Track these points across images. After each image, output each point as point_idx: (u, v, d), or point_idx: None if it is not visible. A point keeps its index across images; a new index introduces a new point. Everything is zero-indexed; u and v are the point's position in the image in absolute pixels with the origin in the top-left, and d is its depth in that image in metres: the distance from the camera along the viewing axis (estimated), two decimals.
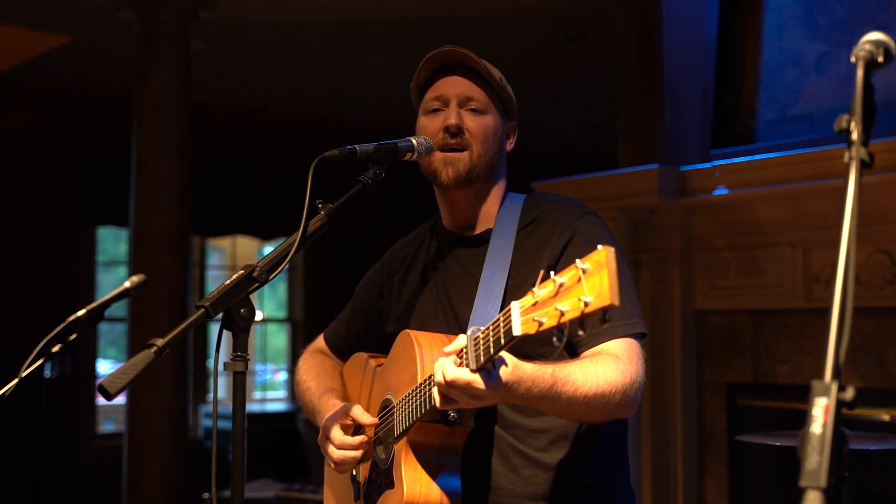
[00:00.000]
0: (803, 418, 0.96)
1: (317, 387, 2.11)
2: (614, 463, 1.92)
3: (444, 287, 1.97)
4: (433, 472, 1.76)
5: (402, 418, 1.78)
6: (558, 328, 1.36)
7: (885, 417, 3.77)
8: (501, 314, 1.47)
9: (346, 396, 2.13)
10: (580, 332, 1.35)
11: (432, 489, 1.75)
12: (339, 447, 1.92)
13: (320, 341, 2.27)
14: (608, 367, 1.68)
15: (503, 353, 1.54)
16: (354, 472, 2.01)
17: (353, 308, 2.20)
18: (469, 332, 1.57)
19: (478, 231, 1.97)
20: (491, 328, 1.50)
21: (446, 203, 2.00)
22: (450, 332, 1.91)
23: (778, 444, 2.72)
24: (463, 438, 1.78)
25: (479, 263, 1.91)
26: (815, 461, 0.93)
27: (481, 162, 1.91)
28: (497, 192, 1.98)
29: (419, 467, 1.76)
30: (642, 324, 1.81)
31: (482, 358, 1.52)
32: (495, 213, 1.97)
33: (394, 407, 1.85)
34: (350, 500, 2.03)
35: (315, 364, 2.20)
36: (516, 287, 1.84)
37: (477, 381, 1.54)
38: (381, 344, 2.10)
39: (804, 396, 1.01)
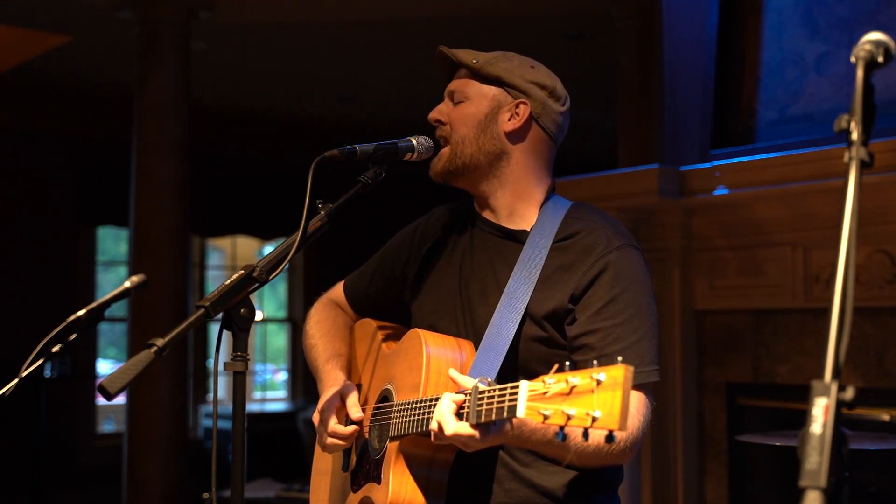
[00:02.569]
0: (803, 418, 0.96)
1: (323, 348, 2.10)
2: (602, 487, 1.89)
3: (467, 275, 1.94)
4: (420, 482, 1.78)
5: (399, 424, 1.79)
6: (562, 428, 1.35)
7: (885, 417, 3.77)
8: (510, 387, 1.47)
9: (353, 359, 2.13)
10: (584, 441, 1.35)
11: (416, 497, 1.77)
12: (331, 434, 1.92)
13: (338, 291, 2.22)
14: None
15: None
16: None
17: (378, 265, 2.15)
18: (477, 381, 1.57)
19: (513, 225, 1.92)
20: (497, 394, 1.50)
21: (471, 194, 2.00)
22: (463, 326, 1.90)
23: (778, 444, 2.72)
24: (454, 453, 1.79)
25: (505, 263, 1.88)
26: (815, 461, 0.93)
27: (460, 148, 1.89)
28: (517, 179, 1.91)
29: (407, 474, 1.77)
30: (657, 372, 1.78)
31: (482, 418, 1.53)
32: (531, 210, 1.91)
33: (392, 406, 1.85)
34: (338, 468, 2.05)
35: (326, 319, 2.17)
36: (538, 300, 1.81)
37: (474, 435, 1.56)
38: (397, 307, 2.09)
39: (804, 396, 1.01)
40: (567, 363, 1.38)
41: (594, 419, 1.29)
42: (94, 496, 7.86)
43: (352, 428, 1.91)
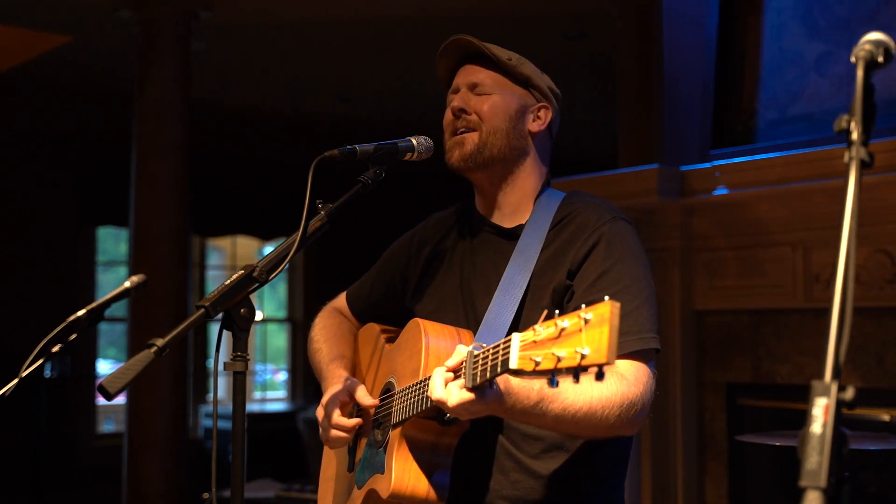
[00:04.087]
0: (803, 418, 0.96)
1: (328, 351, 2.11)
2: (608, 479, 1.89)
3: (468, 274, 1.96)
4: (424, 467, 1.76)
5: (400, 409, 1.79)
6: (553, 373, 1.35)
7: (885, 417, 3.77)
8: (502, 342, 1.47)
9: (357, 364, 2.14)
10: (572, 381, 1.34)
11: (420, 482, 1.75)
12: (334, 426, 1.93)
13: (341, 300, 2.25)
14: (607, 387, 1.65)
15: None
16: (352, 445, 2.04)
17: (378, 273, 2.18)
18: (471, 347, 1.56)
19: (511, 223, 1.95)
20: (490, 352, 1.50)
21: (476, 190, 2.00)
22: (465, 321, 1.90)
23: (778, 444, 2.72)
24: (457, 437, 1.79)
25: (507, 258, 1.89)
26: (815, 461, 0.93)
27: (490, 139, 1.90)
28: (527, 179, 1.95)
29: (410, 459, 1.76)
30: (657, 339, 1.77)
31: (478, 379, 1.52)
32: (529, 205, 1.94)
33: (394, 393, 1.85)
34: (344, 471, 2.05)
35: (330, 325, 2.19)
36: (539, 287, 1.82)
37: (468, 399, 1.55)
38: (399, 313, 2.09)
39: (804, 396, 1.01)
40: (557, 311, 1.38)
41: (583, 356, 1.30)
42: (94, 496, 7.85)
43: (355, 420, 1.92)
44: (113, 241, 9.28)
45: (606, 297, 1.31)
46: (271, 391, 10.96)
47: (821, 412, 0.95)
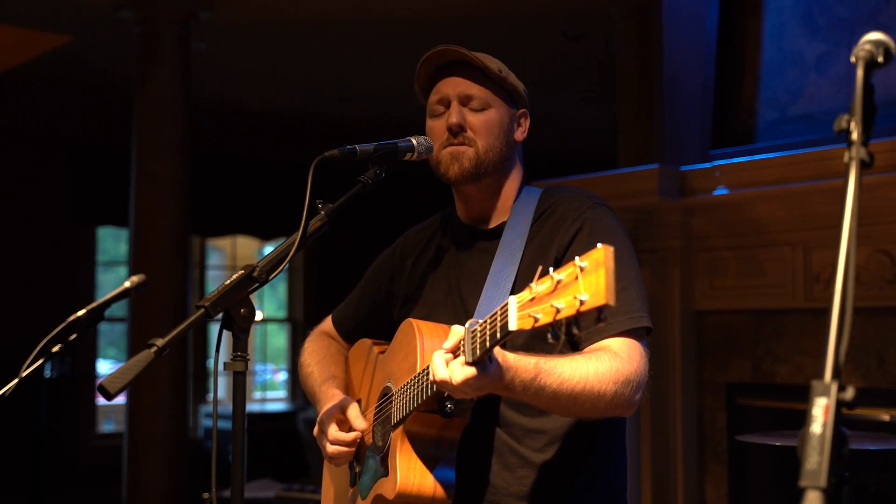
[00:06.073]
0: (803, 418, 0.96)
1: (319, 373, 2.12)
2: (611, 470, 1.91)
3: (456, 278, 1.97)
4: (428, 463, 1.75)
5: (400, 407, 1.78)
6: (553, 325, 1.34)
7: (885, 417, 3.77)
8: (499, 308, 1.46)
9: (349, 382, 2.13)
10: (575, 331, 1.33)
11: (426, 480, 1.73)
12: (333, 442, 1.92)
13: (327, 323, 2.26)
14: (602, 364, 1.66)
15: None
16: (352, 461, 2.02)
17: (363, 290, 2.19)
18: (467, 325, 1.55)
19: (493, 224, 1.97)
20: (488, 322, 1.49)
21: (460, 197, 2.01)
22: (457, 322, 1.89)
23: (778, 444, 2.72)
24: (460, 431, 1.78)
25: (493, 256, 1.90)
26: (815, 461, 0.93)
27: (488, 156, 1.91)
28: (511, 184, 1.98)
29: (414, 457, 1.75)
30: (647, 318, 1.79)
31: (478, 351, 1.51)
32: (510, 205, 1.96)
33: (392, 395, 1.84)
34: (346, 486, 2.04)
35: (320, 348, 2.20)
36: (527, 278, 1.81)
37: (471, 375, 1.53)
38: (388, 328, 2.08)
39: (804, 396, 1.01)
40: (551, 268, 1.38)
41: (582, 302, 1.29)
42: (94, 496, 7.85)
43: (353, 434, 1.91)
44: (113, 241, 9.28)
45: (599, 245, 1.30)
46: (271, 391, 10.97)
47: (821, 412, 0.95)
